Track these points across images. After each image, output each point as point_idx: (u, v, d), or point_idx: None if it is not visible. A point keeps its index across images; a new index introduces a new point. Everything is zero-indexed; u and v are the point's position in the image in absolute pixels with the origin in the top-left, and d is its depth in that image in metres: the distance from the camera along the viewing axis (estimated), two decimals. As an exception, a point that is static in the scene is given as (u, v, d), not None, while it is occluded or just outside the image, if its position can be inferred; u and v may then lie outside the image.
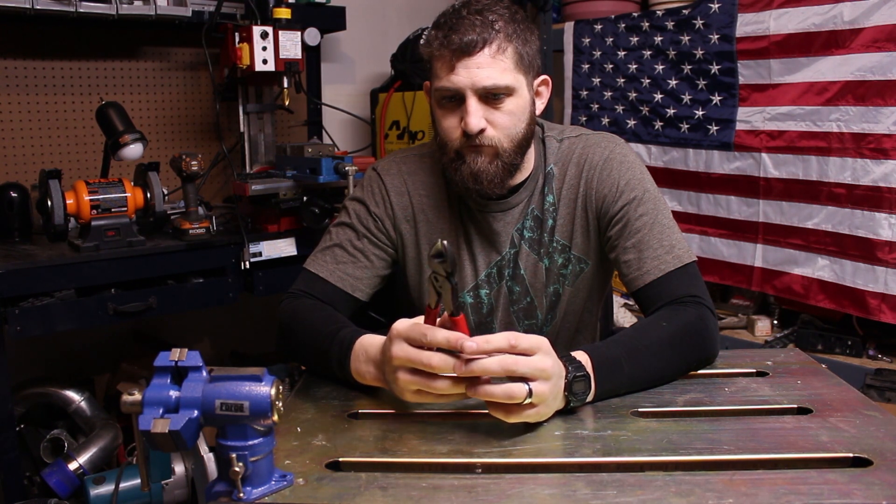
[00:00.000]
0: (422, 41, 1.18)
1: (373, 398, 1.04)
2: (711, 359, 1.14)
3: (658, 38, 2.44)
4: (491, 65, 1.12)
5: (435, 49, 1.14)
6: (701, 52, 2.34)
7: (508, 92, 1.14)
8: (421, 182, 1.30)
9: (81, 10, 1.95)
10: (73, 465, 1.87)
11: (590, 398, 0.98)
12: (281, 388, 0.76)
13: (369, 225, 1.28)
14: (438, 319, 0.90)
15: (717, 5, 2.28)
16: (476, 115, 1.13)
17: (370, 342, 1.02)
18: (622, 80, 2.57)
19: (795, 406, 0.99)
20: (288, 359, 1.25)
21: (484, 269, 1.29)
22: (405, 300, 1.37)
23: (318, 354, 1.09)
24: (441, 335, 0.86)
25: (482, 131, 1.14)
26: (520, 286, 1.29)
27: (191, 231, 1.94)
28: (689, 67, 2.38)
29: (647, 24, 2.47)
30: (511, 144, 1.17)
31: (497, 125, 1.15)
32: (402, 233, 1.30)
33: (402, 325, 0.91)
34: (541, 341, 0.89)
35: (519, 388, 0.86)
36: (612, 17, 2.57)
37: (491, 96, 1.13)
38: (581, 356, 0.98)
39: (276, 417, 0.75)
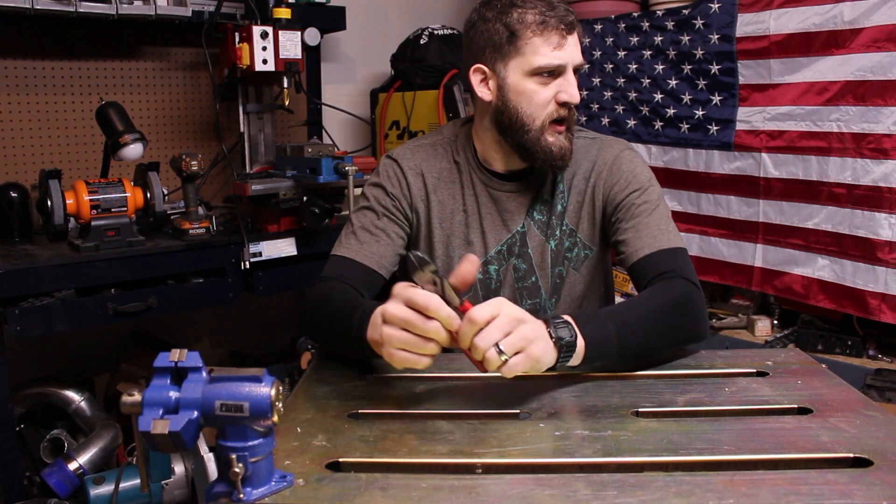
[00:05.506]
0: (510, 17, 1.22)
1: (372, 398, 1.04)
2: (700, 334, 1.18)
3: (658, 38, 2.44)
4: (578, 45, 1.26)
5: (536, 24, 1.21)
6: (701, 52, 2.34)
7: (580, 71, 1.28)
8: (433, 166, 1.38)
9: (81, 10, 1.95)
10: (72, 465, 1.87)
11: (580, 348, 1.00)
12: (281, 388, 0.76)
13: (387, 204, 1.35)
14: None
15: (717, 5, 2.28)
16: (576, 87, 1.25)
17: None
18: (622, 80, 2.57)
19: (796, 406, 0.99)
20: (314, 339, 1.29)
21: (494, 247, 1.36)
22: None
23: (341, 325, 1.11)
24: (444, 312, 0.89)
25: None
26: (526, 264, 1.36)
27: (191, 231, 1.94)
28: (689, 67, 2.38)
29: (647, 24, 2.47)
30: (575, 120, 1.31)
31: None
32: (417, 211, 1.37)
33: (404, 288, 0.92)
34: (497, 302, 0.91)
35: (492, 355, 0.89)
36: (612, 17, 2.57)
37: (574, 73, 1.25)
38: (561, 315, 1.03)
39: (275, 418, 0.75)
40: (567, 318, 1.02)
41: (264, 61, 2.09)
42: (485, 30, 1.25)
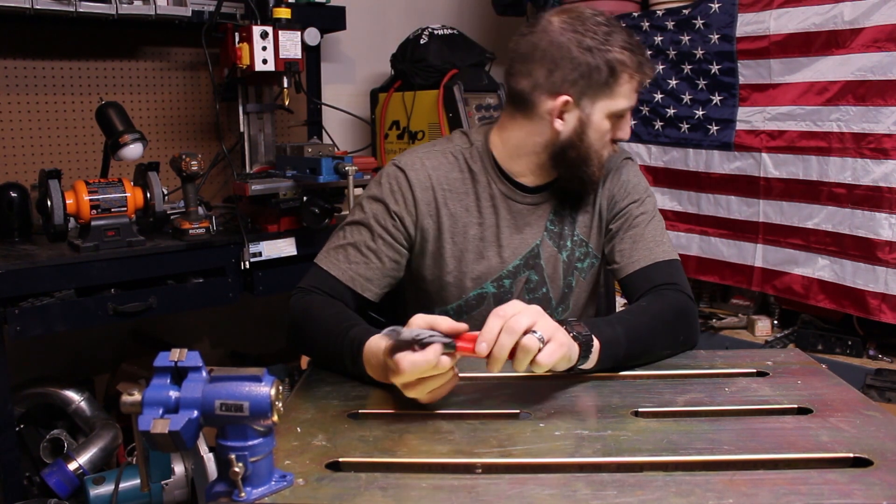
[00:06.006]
0: (611, 53, 1.17)
1: (372, 398, 1.04)
2: (694, 342, 1.22)
3: (658, 38, 2.44)
4: None
5: (634, 69, 1.20)
6: (701, 52, 2.34)
7: None
8: (445, 177, 1.30)
9: (81, 10, 1.95)
10: (72, 466, 1.87)
11: (595, 349, 1.03)
12: (281, 388, 0.76)
13: (387, 225, 1.27)
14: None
15: (717, 5, 2.28)
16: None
17: (377, 347, 1.03)
18: (622, 80, 2.57)
19: (796, 406, 0.99)
20: (300, 353, 1.28)
21: (513, 261, 1.32)
22: (423, 292, 1.36)
23: (330, 353, 1.12)
24: (420, 366, 0.90)
25: None
26: (538, 276, 1.33)
27: (191, 231, 1.94)
28: (689, 67, 2.38)
29: (647, 24, 2.47)
30: None
31: None
32: (423, 228, 1.29)
33: (398, 359, 0.93)
34: (514, 303, 0.95)
35: (530, 340, 0.91)
36: (613, 17, 2.57)
37: None
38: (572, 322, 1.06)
39: (275, 418, 0.75)
40: (575, 319, 1.05)
41: (264, 61, 2.09)
42: (583, 61, 1.17)
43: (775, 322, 2.41)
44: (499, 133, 1.30)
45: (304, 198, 2.02)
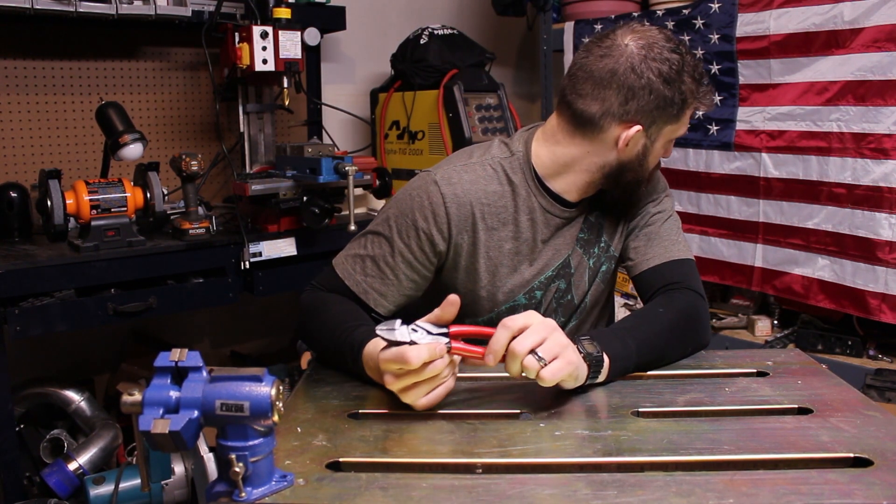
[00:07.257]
0: (684, 84, 1.16)
1: (373, 398, 1.04)
2: (705, 343, 1.22)
3: (658, 38, 2.44)
4: None
5: (698, 99, 1.21)
6: (701, 52, 2.34)
7: None
8: (483, 191, 1.24)
9: (81, 10, 1.95)
10: (72, 465, 1.87)
11: (605, 365, 1.03)
12: (281, 388, 0.76)
13: (410, 242, 1.22)
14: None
15: (717, 5, 2.28)
16: None
17: (375, 351, 1.03)
18: (622, 80, 2.57)
19: (796, 406, 0.99)
20: (309, 347, 1.29)
21: (545, 272, 1.30)
22: None
23: (334, 351, 1.14)
24: (414, 361, 0.91)
25: None
26: (566, 283, 1.33)
27: (191, 231, 1.94)
28: (690, 67, 2.38)
29: (647, 24, 2.46)
30: None
31: None
32: (457, 243, 1.24)
33: (385, 356, 0.95)
34: (529, 313, 0.96)
35: (530, 361, 0.92)
36: (612, 17, 2.57)
37: None
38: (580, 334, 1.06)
39: (276, 418, 0.75)
40: (589, 336, 1.04)
41: (264, 61, 2.09)
42: (661, 93, 1.15)
43: (775, 322, 2.41)
44: (547, 146, 1.25)
45: (304, 198, 2.02)
